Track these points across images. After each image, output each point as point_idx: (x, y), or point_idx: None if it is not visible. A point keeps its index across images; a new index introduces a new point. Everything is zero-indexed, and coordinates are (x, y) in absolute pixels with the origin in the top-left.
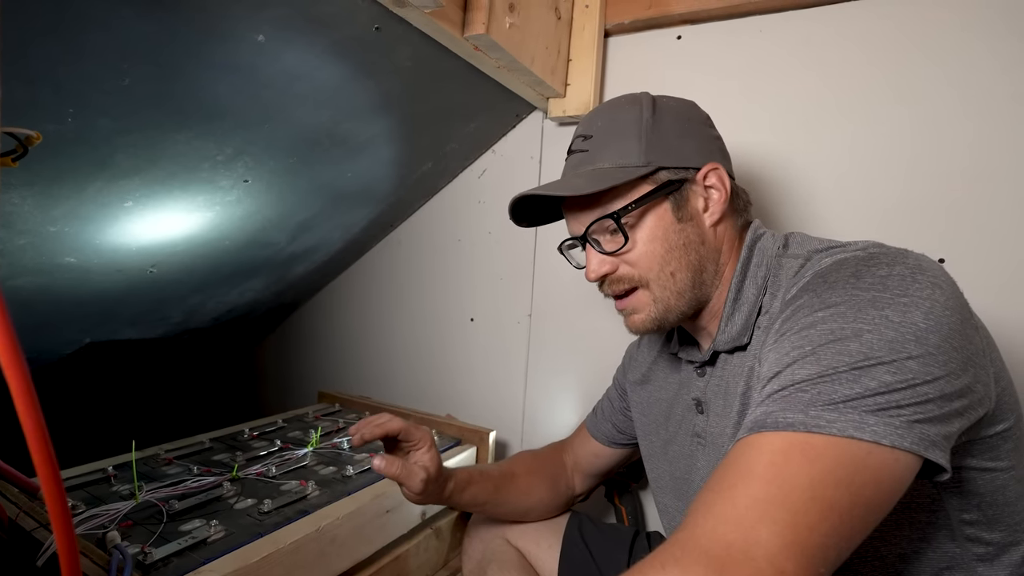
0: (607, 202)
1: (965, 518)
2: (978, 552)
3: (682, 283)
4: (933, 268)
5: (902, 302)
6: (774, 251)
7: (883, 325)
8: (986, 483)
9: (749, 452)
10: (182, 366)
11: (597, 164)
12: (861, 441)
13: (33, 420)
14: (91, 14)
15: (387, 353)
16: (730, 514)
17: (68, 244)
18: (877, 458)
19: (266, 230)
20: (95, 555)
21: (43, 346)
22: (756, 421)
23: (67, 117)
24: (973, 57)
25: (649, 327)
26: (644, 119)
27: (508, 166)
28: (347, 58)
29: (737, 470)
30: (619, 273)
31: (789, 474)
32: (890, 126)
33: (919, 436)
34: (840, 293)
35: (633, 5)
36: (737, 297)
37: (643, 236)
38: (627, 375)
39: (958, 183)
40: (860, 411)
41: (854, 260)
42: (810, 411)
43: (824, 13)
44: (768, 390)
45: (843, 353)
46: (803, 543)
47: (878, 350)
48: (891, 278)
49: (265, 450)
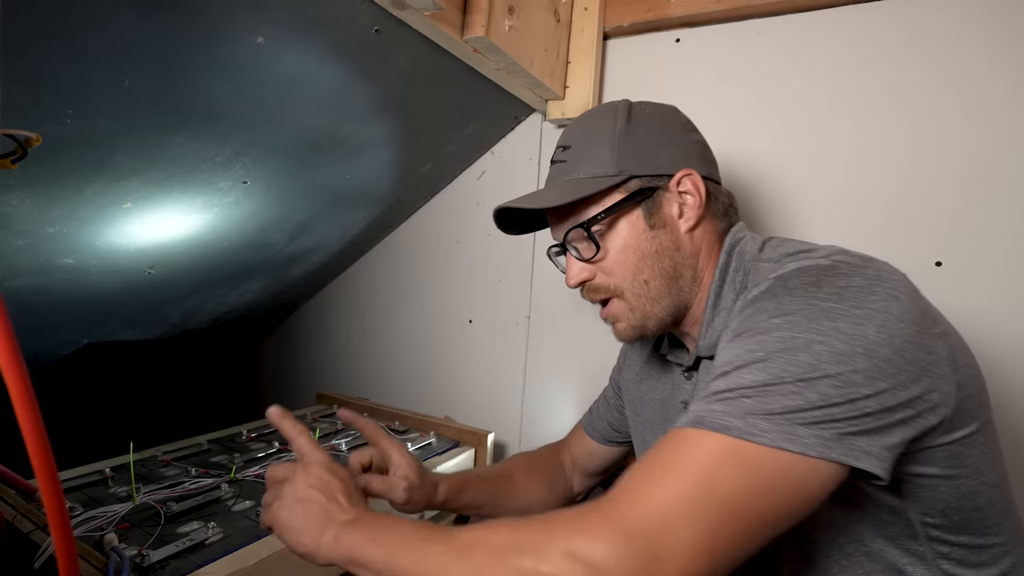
0: (581, 211)
1: (928, 521)
2: (943, 551)
3: (656, 290)
4: (893, 279)
5: (856, 314)
6: (751, 255)
7: (834, 337)
8: (951, 490)
9: (687, 446)
10: (180, 367)
11: (573, 174)
12: (789, 452)
13: (31, 422)
14: (92, 16)
15: (386, 354)
16: (659, 506)
17: (66, 245)
18: (800, 469)
19: (265, 231)
20: (92, 557)
21: (41, 347)
22: (699, 416)
23: (66, 118)
24: (970, 61)
25: (631, 335)
26: (618, 128)
27: (507, 168)
28: (346, 60)
29: (674, 461)
30: (595, 282)
31: (719, 479)
32: (887, 129)
33: (848, 448)
34: (798, 301)
35: (632, 8)
36: (716, 302)
37: (616, 244)
38: (622, 373)
39: (956, 187)
40: (794, 423)
41: (815, 268)
42: (748, 418)
43: (822, 17)
44: (715, 387)
45: (792, 363)
46: (715, 550)
47: (826, 362)
48: (848, 289)
49: (263, 452)
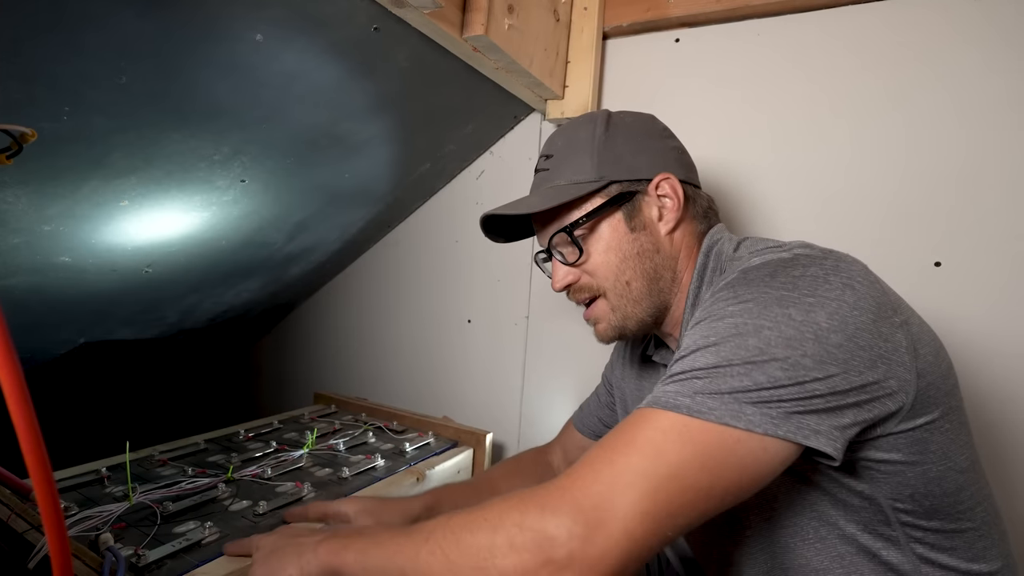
0: (564, 216)
1: (899, 507)
2: (916, 535)
3: (638, 291)
4: (851, 269)
5: (808, 302)
6: (727, 255)
7: (784, 323)
8: (917, 476)
9: (638, 424)
10: (177, 367)
11: (555, 181)
12: (734, 429)
13: (26, 421)
14: (89, 12)
15: (384, 354)
16: (606, 475)
17: (63, 243)
18: (746, 446)
19: (263, 230)
20: (88, 557)
21: (37, 346)
22: (654, 397)
23: (63, 115)
24: (966, 62)
25: (611, 335)
26: (597, 136)
27: (506, 168)
28: (345, 58)
29: (624, 438)
30: (580, 283)
31: (662, 451)
32: (885, 130)
33: (796, 425)
34: (753, 291)
35: (631, 8)
36: (695, 303)
37: (598, 247)
38: (614, 370)
39: (953, 187)
40: (741, 402)
41: (777, 261)
42: (697, 397)
43: (821, 17)
44: (671, 370)
45: (741, 347)
46: (656, 512)
47: (774, 346)
48: (803, 279)
49: (260, 451)
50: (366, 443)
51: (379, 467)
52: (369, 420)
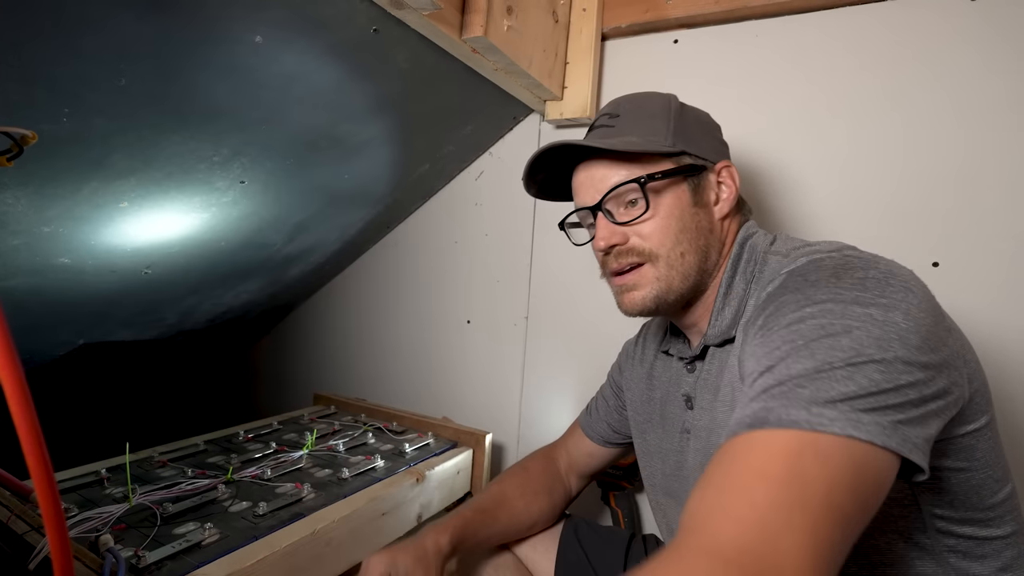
0: (631, 170)
1: (938, 513)
2: (949, 544)
3: (689, 266)
4: (904, 273)
5: (882, 303)
6: (763, 248)
7: (869, 323)
8: (961, 482)
9: (755, 450)
10: (177, 368)
11: (626, 137)
12: (860, 441)
13: (27, 422)
14: (89, 14)
15: (383, 355)
16: (751, 519)
17: (62, 245)
18: (875, 458)
19: (262, 231)
20: (88, 559)
21: (36, 347)
22: (756, 417)
23: (63, 117)
24: (964, 63)
25: (648, 305)
26: (672, 108)
27: (505, 169)
28: (345, 60)
29: (749, 469)
30: (629, 244)
31: (806, 477)
32: (883, 130)
33: (903, 438)
34: (824, 291)
35: (630, 9)
36: (728, 291)
37: (662, 210)
38: (623, 372)
39: (951, 188)
40: (856, 410)
41: (831, 261)
42: (812, 408)
43: (819, 18)
44: (762, 384)
45: (836, 348)
46: (823, 554)
47: (868, 347)
48: (868, 280)
49: (260, 452)
50: (366, 444)
51: (379, 468)
52: (369, 421)
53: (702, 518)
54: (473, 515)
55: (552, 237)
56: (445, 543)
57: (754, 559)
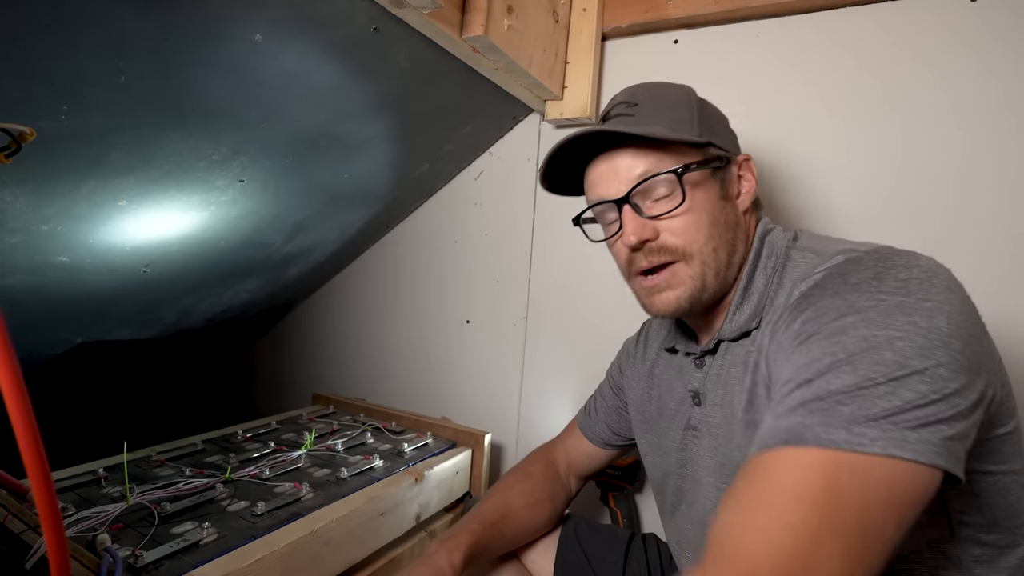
0: (658, 161)
1: (965, 519)
2: (975, 553)
3: (721, 262)
4: (943, 272)
5: (926, 307)
6: (784, 244)
7: (913, 332)
8: (988, 486)
9: (794, 469)
10: (175, 367)
11: (651, 126)
12: (903, 461)
13: (24, 421)
14: (88, 10)
15: (382, 355)
16: (788, 543)
17: (61, 243)
18: (916, 476)
19: (261, 230)
20: (85, 558)
21: (34, 346)
22: (792, 432)
23: (61, 114)
24: (963, 65)
25: (683, 306)
26: (693, 99)
27: (505, 168)
28: (344, 58)
29: (783, 489)
30: (661, 241)
31: (839, 499)
32: (881, 132)
33: (951, 453)
34: (866, 297)
35: (630, 9)
36: (748, 286)
37: (695, 204)
38: (623, 372)
39: (950, 189)
40: (901, 428)
41: (870, 260)
42: (853, 428)
43: (819, 19)
44: (799, 397)
45: (879, 363)
46: (855, 574)
47: (911, 358)
48: (911, 281)
49: (259, 452)
50: (364, 444)
51: (377, 468)
52: (367, 421)
53: (735, 537)
54: (482, 529)
55: (551, 237)
56: (459, 561)
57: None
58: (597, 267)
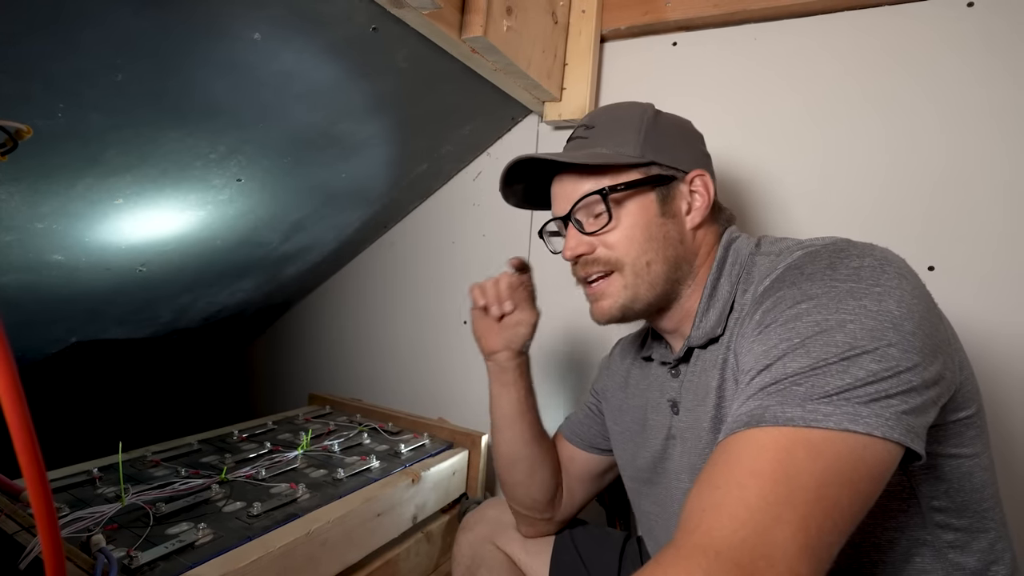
0: (597, 181)
1: (935, 504)
2: (948, 539)
3: (656, 275)
4: (898, 260)
5: (876, 291)
6: (748, 251)
7: (863, 315)
8: (953, 469)
9: (750, 448)
10: (171, 366)
11: (596, 148)
12: (856, 434)
13: (19, 420)
14: (87, 9)
15: (379, 355)
16: (744, 516)
17: (56, 241)
18: (871, 451)
19: (259, 230)
20: (79, 559)
21: (28, 344)
22: (752, 415)
23: (57, 112)
24: (965, 67)
25: (615, 314)
26: (645, 119)
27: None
28: (344, 58)
29: (742, 467)
30: (596, 254)
31: (795, 472)
32: (883, 133)
33: (906, 428)
34: (819, 284)
35: (629, 11)
36: (712, 294)
37: (626, 221)
38: (602, 382)
39: (939, 192)
40: (853, 403)
41: (825, 251)
42: (807, 405)
43: (818, 22)
44: (759, 382)
45: (830, 344)
46: (814, 545)
47: (862, 339)
48: (863, 269)
49: (255, 452)
50: (361, 444)
51: (374, 468)
52: (364, 421)
53: (698, 517)
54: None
55: None
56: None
57: (747, 553)
58: None
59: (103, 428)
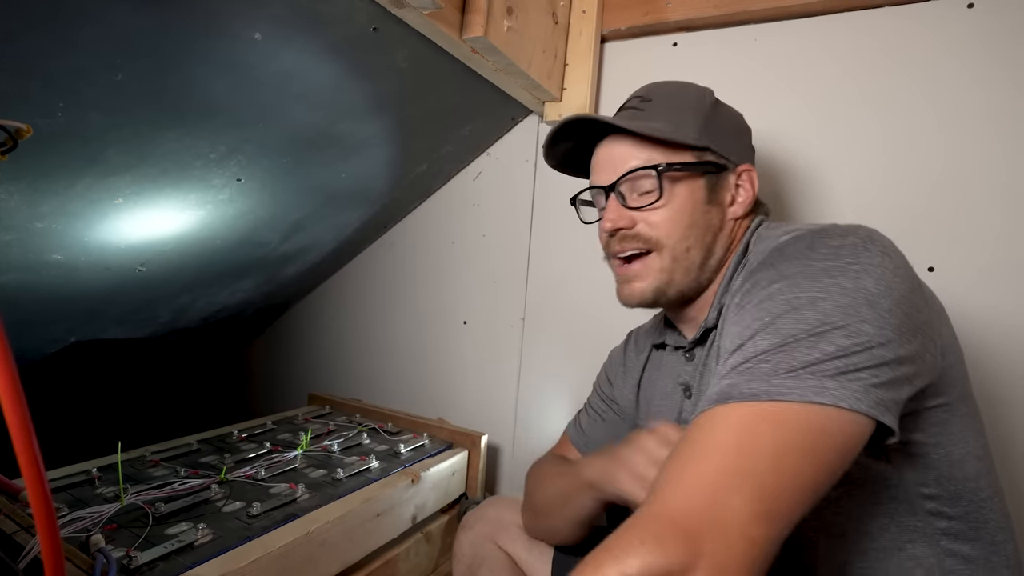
0: (650, 155)
1: (925, 492)
2: (941, 526)
3: (692, 261)
4: (883, 239)
5: (853, 269)
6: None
7: (836, 292)
8: (941, 458)
9: (715, 424)
10: (170, 366)
11: (652, 123)
12: (822, 406)
13: (18, 420)
14: (85, 7)
15: (379, 355)
16: (700, 485)
17: (55, 241)
18: (837, 423)
19: (258, 230)
20: (78, 559)
21: (27, 344)
22: (720, 393)
23: (57, 111)
24: (964, 68)
25: (647, 298)
26: (705, 104)
27: (503, 169)
28: (344, 58)
29: (704, 442)
30: (636, 230)
31: (755, 444)
32: (882, 134)
33: (875, 400)
34: (795, 264)
35: (630, 12)
36: (729, 284)
37: (674, 202)
38: (613, 383)
39: (937, 193)
40: (819, 376)
41: (809, 234)
42: (772, 380)
43: (818, 23)
44: (731, 363)
45: (800, 321)
46: (769, 511)
47: (832, 315)
48: (843, 248)
49: (254, 452)
50: (360, 444)
51: (373, 469)
52: (364, 421)
53: (659, 489)
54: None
55: (549, 239)
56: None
57: (697, 518)
58: (595, 269)
59: (102, 428)
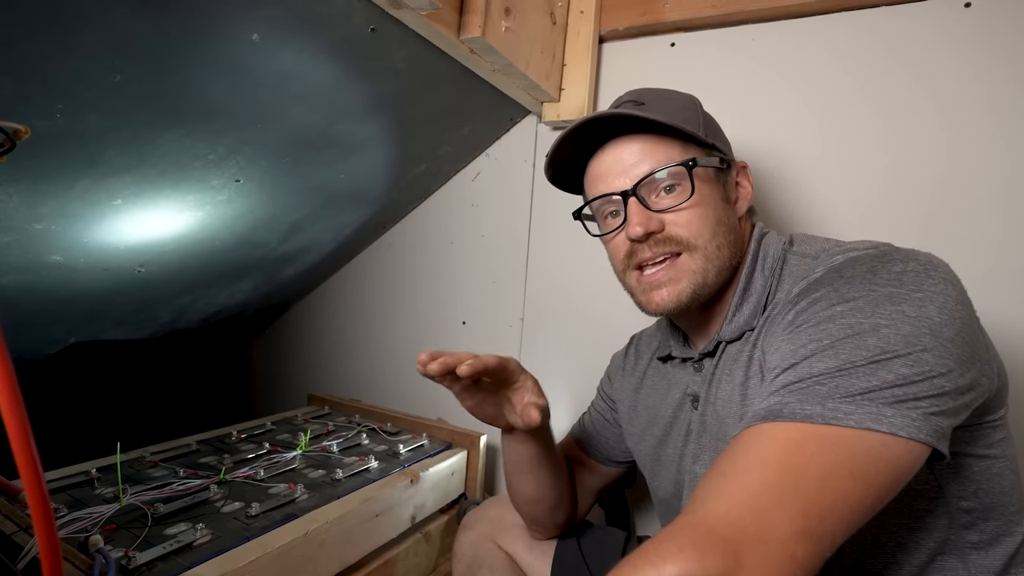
0: (667, 154)
1: (963, 505)
2: (972, 540)
3: (723, 260)
4: (943, 265)
5: (917, 297)
6: (780, 247)
7: (900, 320)
8: (983, 470)
9: (762, 440)
10: (169, 367)
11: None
12: (877, 432)
13: (17, 421)
14: (85, 10)
15: (378, 355)
16: (743, 499)
17: (54, 242)
18: (892, 449)
19: (257, 230)
20: (77, 559)
21: (27, 345)
22: (771, 411)
23: (56, 113)
24: (965, 68)
25: (682, 301)
26: (698, 104)
27: (502, 170)
28: (342, 59)
29: (750, 457)
30: (667, 232)
31: (803, 464)
32: (882, 134)
33: (934, 428)
34: (858, 288)
35: (627, 12)
36: (747, 287)
37: (703, 199)
38: (613, 385)
39: (939, 192)
40: (877, 403)
41: (868, 257)
42: (827, 403)
43: (816, 23)
44: (783, 380)
45: (861, 347)
46: (813, 530)
47: (894, 344)
48: (906, 274)
49: (253, 453)
50: (360, 445)
51: (373, 469)
52: (363, 422)
53: (700, 500)
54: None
55: (548, 239)
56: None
57: (738, 531)
58: (594, 269)
59: (101, 429)
